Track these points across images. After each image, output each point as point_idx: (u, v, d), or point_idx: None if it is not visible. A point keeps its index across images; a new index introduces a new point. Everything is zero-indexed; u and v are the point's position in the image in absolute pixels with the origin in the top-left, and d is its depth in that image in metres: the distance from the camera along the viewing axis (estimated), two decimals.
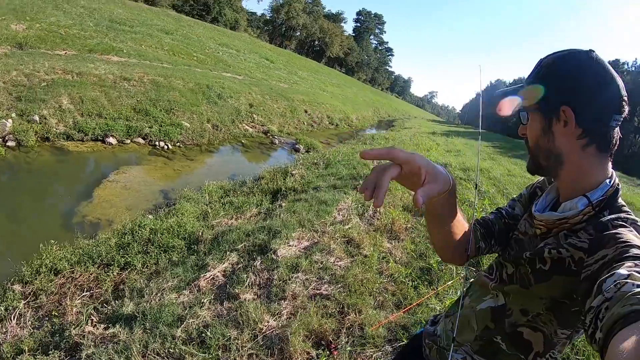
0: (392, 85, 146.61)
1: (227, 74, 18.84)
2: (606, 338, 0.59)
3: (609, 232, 0.89)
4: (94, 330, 3.01)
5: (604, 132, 0.97)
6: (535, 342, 1.08)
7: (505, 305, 1.15)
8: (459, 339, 1.27)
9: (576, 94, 0.96)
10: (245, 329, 3.01)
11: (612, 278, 0.70)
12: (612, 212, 0.96)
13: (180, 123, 10.27)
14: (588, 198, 0.98)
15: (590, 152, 0.98)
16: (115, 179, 6.85)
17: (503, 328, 1.14)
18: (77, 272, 3.82)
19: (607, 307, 0.64)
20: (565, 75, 0.99)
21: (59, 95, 8.62)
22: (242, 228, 4.92)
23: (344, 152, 10.76)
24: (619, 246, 0.82)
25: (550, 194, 1.16)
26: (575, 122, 0.96)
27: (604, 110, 0.96)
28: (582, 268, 0.88)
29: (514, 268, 1.13)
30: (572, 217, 0.99)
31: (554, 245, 1.00)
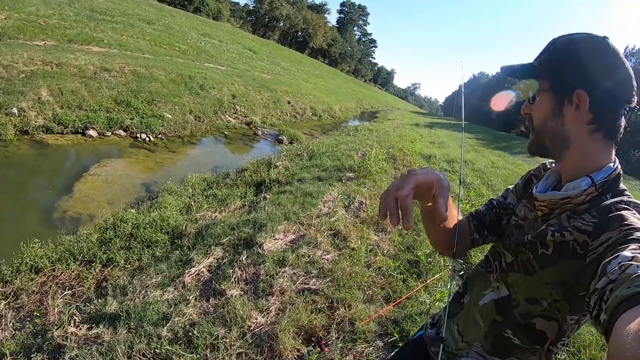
0: (376, 77, 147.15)
1: (209, 65, 18.59)
2: (610, 320, 0.59)
3: (613, 215, 0.89)
4: (77, 331, 2.90)
5: (613, 120, 0.97)
6: (549, 331, 1.06)
7: (509, 296, 1.12)
8: (466, 339, 1.24)
9: (592, 79, 0.96)
10: (233, 327, 2.94)
11: (616, 260, 0.70)
12: (615, 196, 0.96)
13: (162, 114, 10.08)
14: (592, 178, 0.98)
15: (597, 138, 0.99)
16: (96, 173, 6.68)
17: (513, 320, 1.10)
18: (58, 269, 3.69)
19: (612, 289, 0.64)
20: (582, 58, 0.97)
21: (38, 87, 8.36)
22: (226, 221, 4.83)
23: (328, 143, 10.71)
24: (622, 229, 0.82)
25: (550, 177, 1.15)
26: (588, 107, 0.95)
27: (616, 97, 0.96)
28: (588, 252, 0.88)
29: (513, 256, 1.12)
30: (576, 197, 0.99)
31: (557, 227, 0.99)
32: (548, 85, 1.04)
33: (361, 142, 11.21)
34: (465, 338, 1.24)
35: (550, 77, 1.03)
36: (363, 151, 9.61)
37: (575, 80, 0.97)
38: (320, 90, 28.19)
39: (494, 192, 8.25)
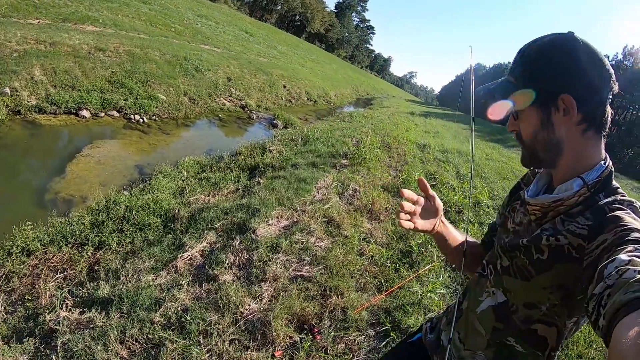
0: (372, 64, 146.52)
1: (205, 47, 18.37)
2: (609, 325, 0.58)
3: (607, 216, 0.88)
4: (69, 315, 2.88)
5: (602, 112, 0.96)
6: (550, 337, 1.06)
7: (507, 301, 1.11)
8: (468, 347, 1.23)
9: (574, 80, 0.94)
10: (226, 313, 2.94)
11: (613, 264, 0.69)
12: (608, 195, 0.95)
13: (157, 96, 9.96)
14: (583, 179, 0.97)
15: (588, 136, 0.98)
16: (89, 154, 6.60)
17: (514, 326, 1.09)
18: (50, 252, 3.64)
19: (609, 295, 0.63)
20: (557, 61, 0.96)
21: (31, 66, 8.21)
22: (219, 205, 4.81)
23: (323, 129, 10.66)
24: (617, 230, 0.81)
25: (541, 180, 1.13)
26: (577, 109, 0.94)
27: (601, 90, 0.94)
28: (584, 255, 0.87)
29: (509, 260, 1.10)
30: (568, 199, 0.98)
31: (551, 231, 0.98)
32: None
33: (356, 129, 11.17)
34: (467, 346, 1.23)
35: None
36: (358, 138, 9.58)
37: (556, 85, 0.95)
38: (316, 75, 28.01)
39: (487, 184, 8.28)
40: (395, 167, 8.14)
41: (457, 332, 1.27)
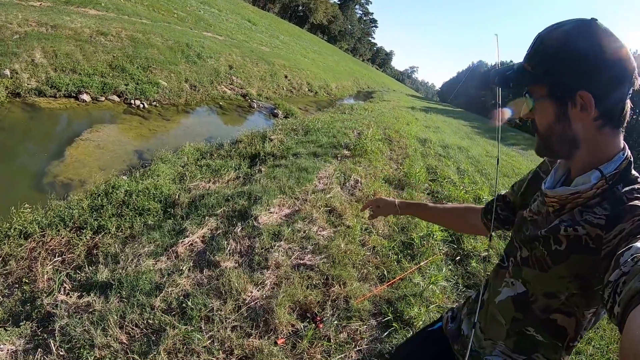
0: (374, 57, 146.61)
1: (207, 34, 18.23)
2: (624, 313, 0.58)
3: (625, 206, 0.87)
4: (67, 299, 2.84)
5: (621, 109, 0.92)
6: (569, 327, 1.05)
7: (527, 292, 1.10)
8: (489, 336, 1.22)
9: (594, 76, 0.89)
10: (228, 300, 2.90)
11: (629, 252, 0.69)
12: (627, 185, 0.93)
13: (158, 81, 9.88)
14: (601, 171, 0.95)
15: (606, 131, 0.95)
16: (88, 138, 6.54)
17: (534, 316, 1.09)
18: (48, 235, 3.59)
19: (625, 282, 0.63)
20: (578, 55, 0.90)
21: (32, 48, 8.11)
22: (220, 192, 4.77)
23: (324, 120, 10.62)
24: (635, 219, 0.81)
25: (558, 170, 1.11)
26: (595, 105, 0.90)
27: (620, 86, 0.90)
28: (602, 245, 0.86)
29: (528, 251, 1.09)
30: (585, 192, 0.96)
31: (569, 222, 0.97)
32: (546, 91, 0.98)
33: (357, 121, 11.14)
34: (487, 335, 1.22)
35: (547, 83, 0.98)
36: (359, 130, 9.55)
37: (575, 80, 0.91)
38: (318, 67, 27.93)
39: (487, 180, 8.27)
40: (397, 160, 8.10)
41: (478, 322, 1.26)
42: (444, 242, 4.68)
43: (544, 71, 0.96)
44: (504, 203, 1.42)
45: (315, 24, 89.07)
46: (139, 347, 2.46)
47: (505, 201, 1.42)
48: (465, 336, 1.33)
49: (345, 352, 2.74)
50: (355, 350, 2.78)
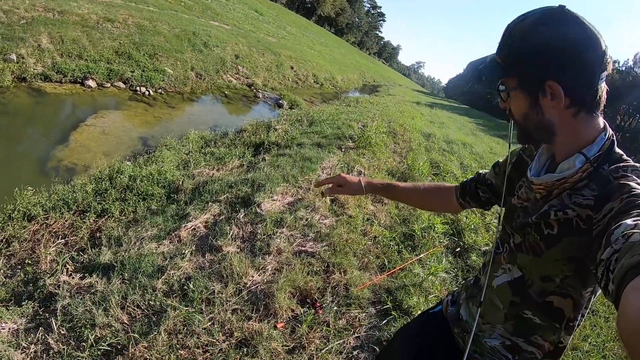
0: (381, 51, 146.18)
1: (214, 23, 18.20)
2: (618, 289, 0.59)
3: (612, 185, 0.88)
4: (70, 279, 2.86)
5: (593, 94, 0.92)
6: (566, 308, 1.06)
7: (523, 276, 1.11)
8: (487, 321, 1.23)
9: (559, 65, 0.90)
10: (230, 283, 2.93)
11: (619, 229, 0.70)
12: (612, 164, 0.95)
13: (164, 69, 9.89)
14: (584, 155, 0.96)
15: (581, 117, 0.96)
16: (93, 123, 6.56)
17: (531, 299, 1.10)
18: (51, 218, 3.62)
19: (617, 259, 0.64)
20: (543, 46, 0.91)
21: (38, 33, 8.13)
22: (224, 179, 4.79)
23: (329, 111, 10.61)
24: (623, 197, 0.81)
25: (542, 156, 1.12)
26: (564, 93, 0.91)
27: (590, 74, 0.90)
28: (593, 225, 0.87)
29: (521, 237, 1.11)
30: (571, 176, 0.97)
31: (559, 206, 0.98)
32: (516, 82, 1.00)
33: (362, 114, 11.11)
34: (486, 320, 1.23)
35: (516, 74, 0.99)
36: (364, 122, 9.54)
37: (542, 71, 0.93)
38: (324, 59, 27.84)
39: None
40: (400, 153, 8.10)
41: (477, 307, 1.27)
42: (445, 234, 4.69)
43: (513, 63, 0.98)
44: (485, 185, 1.44)
45: (322, 16, 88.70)
46: (140, 327, 2.49)
47: (487, 183, 1.43)
48: (464, 321, 1.34)
49: (344, 338, 2.76)
50: (353, 337, 2.80)
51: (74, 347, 2.32)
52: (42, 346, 2.33)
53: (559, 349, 1.14)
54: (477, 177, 1.49)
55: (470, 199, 1.51)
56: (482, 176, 1.47)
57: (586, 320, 3.59)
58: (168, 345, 2.38)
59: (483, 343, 1.24)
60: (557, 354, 1.16)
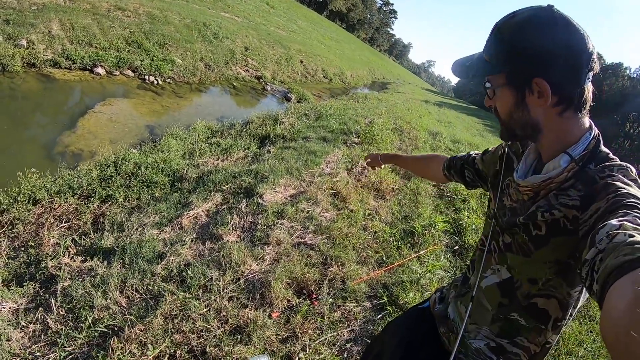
0: (391, 48, 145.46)
1: (225, 14, 18.19)
2: (602, 290, 0.59)
3: (598, 185, 0.88)
4: (71, 262, 2.92)
5: (580, 93, 0.93)
6: (551, 309, 1.06)
7: (511, 277, 1.12)
8: (474, 321, 1.24)
9: (547, 64, 0.91)
10: (228, 271, 2.97)
11: (604, 229, 0.70)
12: (598, 163, 0.95)
13: (173, 59, 9.92)
14: (569, 154, 0.96)
15: (567, 116, 0.96)
16: (100, 111, 6.61)
17: (517, 302, 1.11)
18: (56, 202, 3.66)
19: (602, 259, 0.64)
20: (532, 44, 0.92)
21: (49, 20, 8.17)
22: (228, 169, 4.83)
23: (336, 106, 10.59)
24: (609, 197, 0.81)
25: (529, 157, 1.13)
26: (551, 92, 0.91)
27: (577, 73, 0.91)
28: (579, 225, 0.87)
29: (510, 238, 1.11)
30: (557, 177, 0.98)
31: (545, 207, 0.98)
32: (504, 80, 1.00)
33: (370, 110, 11.11)
34: (473, 320, 1.24)
35: (504, 72, 0.99)
36: (371, 119, 9.54)
37: (530, 69, 0.93)
38: (334, 54, 27.75)
39: None
40: (405, 151, 8.09)
41: (465, 307, 1.28)
42: (446, 233, 4.70)
43: (501, 61, 0.98)
44: (473, 168, 1.47)
45: (334, 11, 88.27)
46: (137, 310, 2.53)
47: (475, 167, 1.46)
48: (451, 320, 1.35)
49: (338, 331, 2.78)
50: (347, 330, 2.83)
51: (71, 328, 2.37)
52: (41, 326, 2.38)
53: (545, 349, 1.16)
54: (467, 158, 1.51)
55: (454, 174, 1.57)
56: (471, 158, 1.49)
57: (582, 325, 3.59)
58: (163, 329, 2.42)
59: (468, 344, 1.25)
60: (543, 354, 1.17)
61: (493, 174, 1.32)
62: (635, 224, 0.67)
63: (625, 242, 0.61)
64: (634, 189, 0.82)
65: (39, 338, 2.31)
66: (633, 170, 0.91)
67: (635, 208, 0.74)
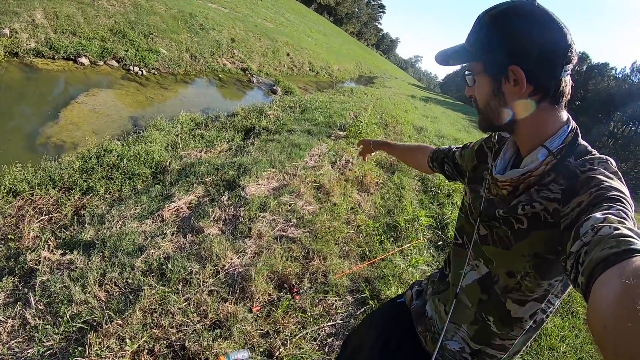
0: (379, 43, 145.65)
1: (212, 5, 18.00)
2: (588, 282, 0.59)
3: (580, 178, 0.88)
4: (51, 255, 2.86)
5: (555, 86, 0.93)
6: (524, 316, 1.08)
7: (489, 272, 1.12)
8: (453, 320, 1.23)
9: (523, 52, 0.92)
10: (208, 264, 2.94)
11: (588, 222, 0.70)
12: (578, 157, 0.95)
13: (158, 49, 9.81)
14: (547, 147, 0.97)
15: (543, 107, 0.97)
16: (84, 101, 6.52)
17: (496, 297, 1.11)
18: (37, 194, 3.61)
19: (586, 252, 0.64)
20: (510, 33, 0.93)
21: (32, 8, 8.01)
22: (211, 162, 4.79)
23: (322, 100, 10.59)
24: (592, 191, 0.81)
25: (507, 152, 1.13)
26: (526, 80, 0.92)
27: (553, 64, 0.91)
28: (560, 218, 0.87)
29: (487, 230, 1.12)
30: (535, 170, 0.98)
31: (526, 201, 0.99)
32: (482, 67, 1.01)
33: (355, 104, 11.11)
34: (452, 319, 1.23)
35: (482, 59, 1.01)
36: (356, 112, 9.55)
37: (506, 56, 0.94)
38: (321, 47, 27.68)
39: None
40: None
41: (443, 304, 1.28)
42: (429, 227, 4.73)
43: (479, 49, 1.00)
44: (452, 163, 1.49)
45: (322, 4, 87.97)
46: (116, 304, 2.49)
47: (454, 162, 1.48)
48: (429, 318, 1.34)
49: (319, 325, 2.78)
50: (329, 324, 2.82)
51: (50, 322, 2.33)
52: (20, 320, 2.33)
53: (519, 348, 1.18)
54: (447, 152, 1.54)
55: (437, 166, 1.61)
56: (451, 153, 1.51)
57: (565, 321, 3.63)
58: (142, 323, 2.39)
59: (444, 345, 1.24)
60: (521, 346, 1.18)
61: (471, 168, 1.32)
62: (619, 217, 0.68)
63: (610, 235, 0.61)
64: (616, 182, 0.82)
65: (17, 333, 2.27)
66: (613, 163, 0.91)
67: (618, 201, 0.74)
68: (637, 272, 0.50)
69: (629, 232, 0.61)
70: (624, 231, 0.61)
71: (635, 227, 0.65)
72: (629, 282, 0.49)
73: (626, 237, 0.59)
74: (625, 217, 0.68)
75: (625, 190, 0.80)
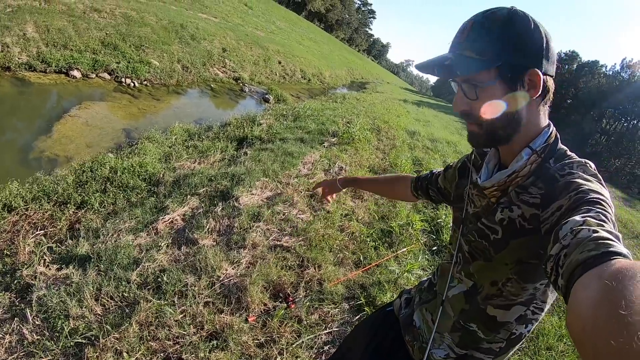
0: (370, 48, 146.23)
1: (202, 15, 18.05)
2: (568, 285, 0.59)
3: (559, 183, 0.89)
4: (46, 270, 2.87)
5: (552, 85, 0.97)
6: (510, 320, 1.10)
7: (475, 284, 1.14)
8: (439, 329, 1.25)
9: (538, 54, 0.92)
10: (203, 276, 2.96)
11: (567, 225, 0.70)
12: (557, 160, 0.97)
13: (150, 61, 9.82)
14: (530, 147, 0.98)
15: (540, 110, 0.99)
16: (76, 114, 6.51)
17: (477, 306, 1.13)
18: (31, 209, 3.61)
19: (566, 254, 0.64)
20: (524, 35, 0.92)
21: (24, 22, 8.03)
22: (204, 172, 4.81)
23: (314, 107, 10.61)
24: (571, 195, 0.82)
25: (490, 162, 1.14)
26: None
27: (554, 63, 0.95)
28: (540, 223, 0.88)
29: (467, 245, 1.14)
30: (521, 169, 0.99)
31: (506, 204, 1.01)
32: (494, 75, 0.93)
33: (347, 110, 11.16)
34: (438, 329, 1.24)
35: (497, 66, 0.92)
36: (349, 119, 9.60)
37: (524, 60, 0.92)
38: (313, 54, 27.76)
39: None
40: (383, 150, 8.15)
41: (430, 314, 1.30)
42: (424, 232, 4.75)
43: (494, 55, 0.92)
44: (436, 187, 1.50)
45: (312, 11, 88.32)
46: (113, 318, 2.50)
47: (437, 186, 1.49)
48: (417, 328, 1.35)
49: (316, 334, 2.79)
50: (325, 332, 2.83)
51: (48, 338, 2.34)
52: (17, 336, 2.34)
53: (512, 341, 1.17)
54: (430, 178, 1.54)
55: (422, 194, 1.60)
56: (434, 178, 1.51)
57: (562, 320, 3.65)
58: (139, 336, 2.40)
59: (430, 354, 1.26)
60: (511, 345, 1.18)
61: (454, 187, 1.34)
62: (599, 220, 0.69)
63: (589, 238, 0.62)
64: (595, 184, 0.83)
65: (15, 349, 2.27)
66: (592, 166, 0.92)
67: (598, 204, 0.75)
68: (615, 274, 0.50)
69: (607, 234, 0.62)
70: (602, 234, 0.62)
71: (614, 230, 0.67)
72: (608, 284, 0.49)
73: (605, 239, 0.60)
74: (604, 220, 0.69)
75: (605, 192, 0.81)
